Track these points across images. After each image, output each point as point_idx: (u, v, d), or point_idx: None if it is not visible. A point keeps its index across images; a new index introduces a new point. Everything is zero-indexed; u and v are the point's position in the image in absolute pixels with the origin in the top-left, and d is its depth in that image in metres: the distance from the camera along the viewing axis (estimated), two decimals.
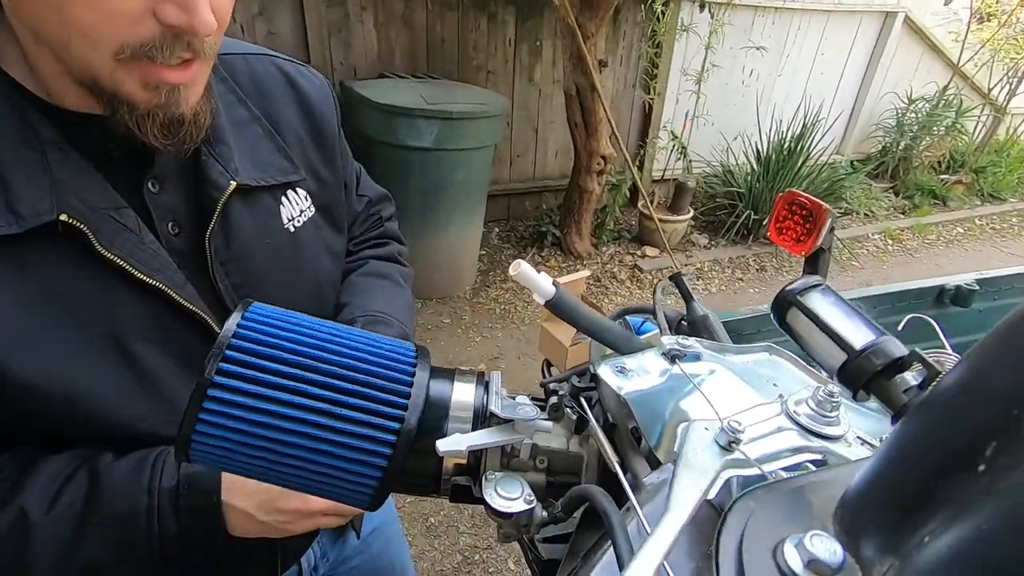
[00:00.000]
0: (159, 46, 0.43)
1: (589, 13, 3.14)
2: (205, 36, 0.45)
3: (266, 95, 0.64)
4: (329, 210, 0.71)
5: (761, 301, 3.74)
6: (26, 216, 0.44)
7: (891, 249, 4.73)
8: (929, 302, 1.51)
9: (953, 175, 5.74)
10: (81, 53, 0.42)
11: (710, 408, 0.32)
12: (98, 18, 0.40)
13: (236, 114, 0.60)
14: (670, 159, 4.70)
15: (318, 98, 0.69)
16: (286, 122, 0.65)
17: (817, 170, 4.54)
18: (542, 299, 0.39)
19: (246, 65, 0.64)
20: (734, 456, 0.29)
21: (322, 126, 0.69)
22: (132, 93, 0.45)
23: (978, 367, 0.14)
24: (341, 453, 0.36)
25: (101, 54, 0.42)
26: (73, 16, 0.40)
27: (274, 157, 0.62)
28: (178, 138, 0.49)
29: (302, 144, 0.67)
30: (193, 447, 0.34)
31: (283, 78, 0.67)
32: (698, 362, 0.38)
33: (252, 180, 0.59)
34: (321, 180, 0.69)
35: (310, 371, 0.36)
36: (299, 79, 0.68)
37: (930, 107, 5.48)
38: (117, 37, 0.42)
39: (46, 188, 0.45)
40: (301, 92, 0.67)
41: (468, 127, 2.92)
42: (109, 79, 0.44)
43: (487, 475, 0.38)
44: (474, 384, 0.41)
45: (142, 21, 0.42)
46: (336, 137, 0.71)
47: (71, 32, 0.41)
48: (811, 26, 4.94)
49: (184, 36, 0.44)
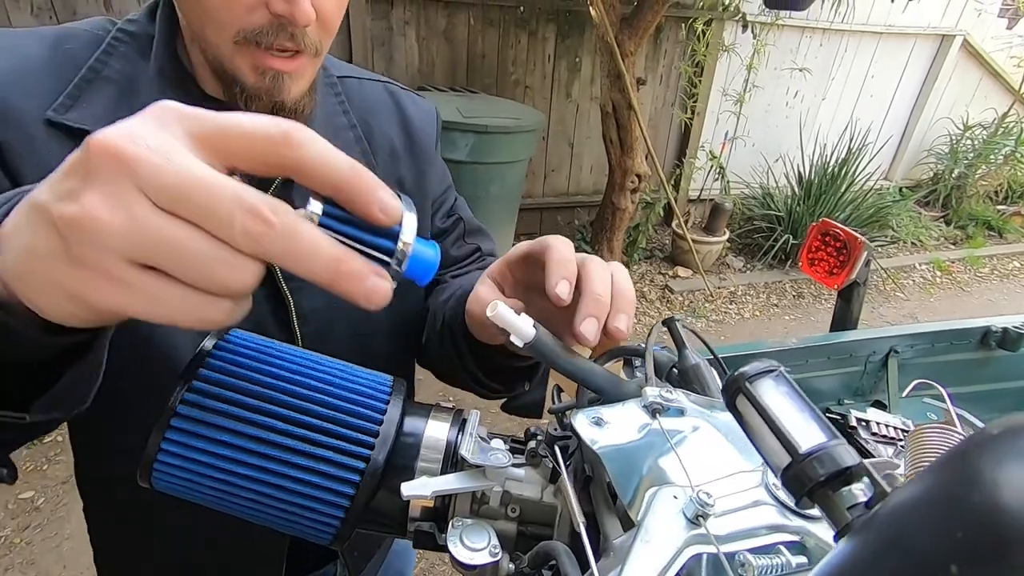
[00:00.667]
0: (266, 32, 0.52)
1: (629, 31, 3.13)
2: (303, 26, 0.52)
3: (370, 110, 0.72)
4: None
5: (796, 330, 3.62)
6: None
7: (939, 281, 4.51)
8: (973, 344, 1.42)
9: (1011, 206, 5.46)
10: (211, 38, 0.53)
11: (684, 473, 0.30)
12: (223, 4, 0.50)
13: (336, 120, 0.69)
14: (707, 179, 4.62)
15: (420, 118, 0.77)
16: (382, 135, 0.72)
17: (862, 195, 4.38)
18: (520, 342, 0.37)
19: (359, 86, 0.73)
20: (701, 531, 0.27)
21: (418, 144, 0.76)
22: (245, 75, 0.54)
23: (927, 496, 0.12)
24: (303, 490, 0.35)
25: (224, 38, 0.52)
26: (208, 5, 0.51)
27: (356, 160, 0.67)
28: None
29: (393, 155, 0.73)
30: (155, 475, 0.34)
31: (390, 99, 0.75)
32: (681, 418, 0.36)
33: None
34: (405, 191, 0.73)
35: (277, 404, 0.35)
36: (405, 101, 0.77)
37: (988, 134, 5.24)
38: (236, 22, 0.51)
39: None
40: (404, 112, 0.75)
41: (503, 141, 2.93)
42: (229, 61, 0.54)
43: (454, 522, 0.37)
44: (449, 423, 0.40)
45: (256, 10, 0.51)
46: (431, 156, 0.78)
47: (204, 19, 0.52)
48: (861, 48, 4.80)
49: (287, 26, 0.52)
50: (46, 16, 2.80)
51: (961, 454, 0.13)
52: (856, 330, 1.42)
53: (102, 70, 0.56)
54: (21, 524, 2.00)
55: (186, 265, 0.25)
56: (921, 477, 0.13)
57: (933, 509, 0.12)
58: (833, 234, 1.41)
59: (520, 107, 3.34)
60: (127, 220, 0.24)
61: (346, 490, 0.35)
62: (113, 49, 0.57)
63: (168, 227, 0.25)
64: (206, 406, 0.34)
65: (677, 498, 0.29)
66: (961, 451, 0.13)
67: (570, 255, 0.43)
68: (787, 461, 0.20)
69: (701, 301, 3.81)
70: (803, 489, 0.20)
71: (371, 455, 0.36)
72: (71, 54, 0.56)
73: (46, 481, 2.14)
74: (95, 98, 0.55)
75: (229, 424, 0.34)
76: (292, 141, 0.27)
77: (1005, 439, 0.12)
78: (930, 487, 0.13)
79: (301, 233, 0.26)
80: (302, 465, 0.35)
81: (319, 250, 0.27)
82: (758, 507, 0.29)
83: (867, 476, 0.19)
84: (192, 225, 0.25)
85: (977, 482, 0.11)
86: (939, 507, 0.12)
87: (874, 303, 4.05)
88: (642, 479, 0.33)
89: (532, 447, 0.40)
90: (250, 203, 0.25)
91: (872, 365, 1.33)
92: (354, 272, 0.28)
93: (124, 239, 0.24)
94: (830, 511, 0.19)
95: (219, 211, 0.25)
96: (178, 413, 0.33)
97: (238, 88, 0.55)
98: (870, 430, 1.12)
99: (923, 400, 1.28)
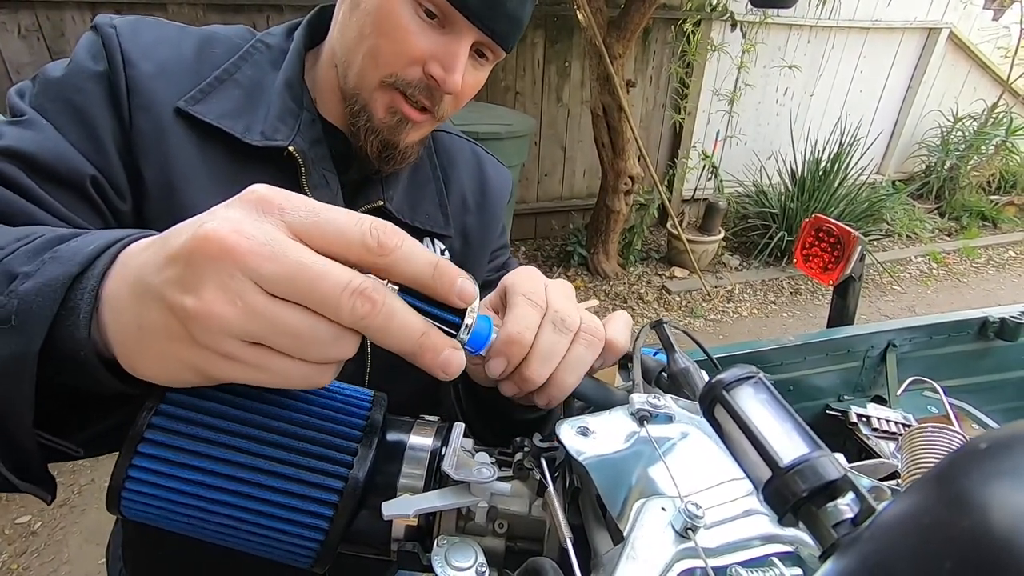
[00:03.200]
0: (413, 86, 0.58)
1: (617, 34, 3.13)
2: (448, 93, 0.58)
3: (452, 163, 0.77)
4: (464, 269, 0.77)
5: (794, 326, 3.60)
6: (268, 137, 0.59)
7: (936, 273, 4.51)
8: (971, 335, 1.41)
9: (1004, 196, 5.47)
10: (362, 72, 0.58)
11: (672, 483, 0.29)
12: (390, 50, 0.56)
13: (422, 170, 0.73)
14: (701, 179, 4.62)
15: (497, 180, 0.81)
16: (459, 184, 0.76)
17: (856, 190, 4.39)
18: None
19: (449, 140, 0.79)
20: (690, 544, 0.26)
21: (490, 200, 0.79)
22: (377, 110, 0.60)
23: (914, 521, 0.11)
24: (279, 513, 0.34)
25: (375, 75, 0.58)
26: (376, 46, 0.56)
27: (432, 208, 0.73)
28: (386, 157, 0.63)
29: (464, 207, 0.76)
30: (124, 503, 0.33)
31: (473, 156, 0.80)
32: (670, 424, 0.35)
33: (399, 213, 0.69)
34: (468, 243, 0.78)
35: (250, 424, 0.34)
36: (486, 164, 0.81)
37: (978, 125, 5.25)
38: (392, 68, 0.57)
39: (291, 127, 0.60)
40: (484, 172, 0.80)
41: (494, 147, 2.90)
42: (368, 95, 0.59)
43: (439, 540, 0.35)
44: (432, 437, 0.39)
45: (414, 65, 0.57)
46: (499, 215, 0.81)
47: (365, 55, 0.57)
48: (848, 44, 4.82)
49: (435, 90, 0.58)
50: (34, 38, 2.80)
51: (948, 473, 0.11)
52: (853, 325, 1.41)
53: (235, 72, 0.61)
54: (18, 549, 1.97)
55: (298, 345, 0.28)
56: (908, 496, 0.12)
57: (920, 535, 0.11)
58: (826, 230, 1.40)
59: (511, 113, 3.34)
60: (243, 311, 0.27)
61: (324, 511, 0.34)
62: (249, 56, 0.62)
63: (281, 314, 0.27)
64: (175, 429, 0.32)
65: (666, 510, 0.28)
66: (947, 469, 0.12)
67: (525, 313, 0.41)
68: (768, 475, 0.19)
69: (699, 301, 3.80)
70: (786, 505, 0.18)
71: (350, 473, 0.35)
72: (212, 56, 0.61)
73: (43, 505, 2.11)
74: (222, 96, 0.59)
75: (199, 448, 0.32)
76: (384, 250, 0.29)
77: (994, 455, 0.11)
78: (917, 510, 0.12)
79: (396, 311, 0.29)
80: (277, 487, 0.33)
81: (410, 326, 0.30)
82: (750, 517, 0.27)
83: (853, 490, 0.17)
84: (302, 308, 0.28)
85: (964, 506, 0.10)
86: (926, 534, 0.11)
87: (871, 297, 4.04)
88: (630, 490, 0.32)
89: (519, 459, 0.39)
90: (356, 286, 0.28)
91: (870, 360, 1.32)
92: (435, 346, 0.30)
93: (242, 327, 0.27)
94: (815, 529, 0.18)
95: (328, 296, 0.27)
96: (145, 438, 0.32)
97: (364, 117, 0.60)
98: (871, 426, 1.11)
99: (923, 394, 1.27)
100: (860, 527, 0.16)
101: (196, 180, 0.58)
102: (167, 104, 0.57)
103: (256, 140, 0.59)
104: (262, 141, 0.59)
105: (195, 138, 0.58)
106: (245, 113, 0.60)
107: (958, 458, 0.11)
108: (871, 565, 0.12)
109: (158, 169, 0.56)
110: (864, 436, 1.09)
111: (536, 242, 4.30)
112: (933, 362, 1.38)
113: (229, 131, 0.58)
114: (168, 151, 0.57)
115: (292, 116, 0.61)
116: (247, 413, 0.34)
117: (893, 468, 0.57)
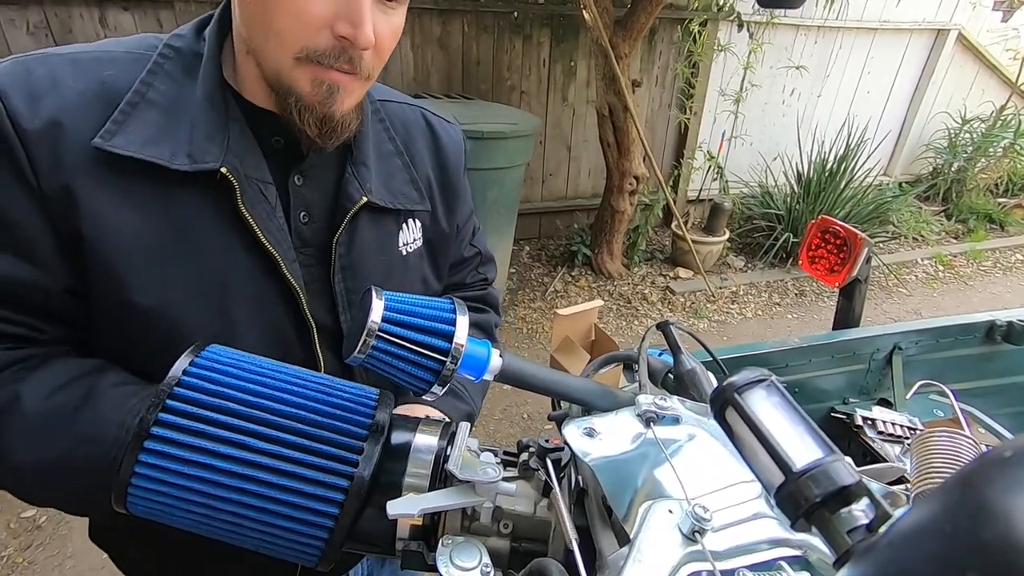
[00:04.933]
0: (328, 54, 0.55)
1: (623, 34, 3.12)
2: (364, 49, 0.56)
3: (410, 136, 0.76)
4: (434, 246, 0.79)
5: (800, 328, 3.59)
6: (197, 160, 0.56)
7: (942, 275, 4.48)
8: (977, 339, 1.40)
9: (1012, 198, 5.43)
10: (274, 54, 0.56)
11: (679, 485, 0.29)
12: (291, 23, 0.53)
13: (384, 147, 0.71)
14: (706, 179, 4.60)
15: (451, 147, 0.80)
16: (420, 161, 0.76)
17: (862, 192, 4.36)
18: (490, 376, 0.36)
19: (400, 111, 0.77)
20: (698, 547, 0.26)
21: (448, 172, 0.79)
22: (302, 88, 0.57)
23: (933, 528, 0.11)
24: (284, 511, 0.34)
25: (286, 54, 0.55)
26: (275, 23, 0.54)
27: (406, 187, 0.72)
28: (327, 132, 0.60)
29: (429, 183, 0.76)
30: (130, 499, 0.33)
31: (426, 125, 0.78)
32: (676, 426, 0.34)
33: (382, 201, 0.68)
34: (436, 218, 0.78)
35: (255, 422, 0.34)
36: (439, 129, 0.80)
37: (986, 127, 5.21)
38: (300, 40, 0.54)
39: (219, 145, 0.57)
40: (438, 139, 0.79)
41: (499, 146, 2.92)
42: (287, 75, 0.56)
43: (443, 540, 0.35)
44: (437, 437, 0.39)
45: (322, 31, 0.54)
46: (461, 187, 0.81)
47: (268, 35, 0.55)
48: (856, 45, 4.79)
49: (348, 50, 0.55)
50: (42, 35, 2.81)
51: (970, 481, 0.11)
52: (859, 328, 1.41)
53: (147, 92, 0.57)
54: (23, 543, 1.98)
55: None
56: (928, 503, 0.12)
57: (941, 544, 0.11)
58: (833, 231, 1.39)
59: (516, 112, 3.33)
60: None
61: (330, 509, 0.34)
62: (159, 68, 0.58)
63: None
64: (180, 426, 0.32)
65: (672, 512, 0.28)
66: (969, 477, 0.11)
67: None
68: (781, 479, 0.19)
69: (703, 302, 3.79)
70: (799, 510, 0.18)
71: (355, 472, 0.35)
72: (114, 79, 0.56)
73: None
74: (139, 123, 0.55)
75: (205, 444, 0.33)
76: None
77: (1017, 464, 0.11)
78: (936, 518, 0.11)
79: None
80: (282, 485, 0.33)
81: None
82: (758, 520, 0.27)
83: (867, 496, 0.17)
84: None
85: (987, 515, 0.10)
86: (948, 542, 0.10)
87: (877, 299, 4.02)
88: (637, 492, 0.32)
89: (524, 460, 0.39)
90: None
91: (876, 363, 1.31)
92: None
93: None
94: (828, 535, 0.18)
95: None
96: (152, 434, 0.32)
97: (293, 99, 0.58)
98: (876, 429, 1.10)
99: (929, 397, 1.27)
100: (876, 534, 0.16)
101: (125, 225, 0.54)
102: (79, 149, 0.52)
103: (184, 165, 0.55)
104: (191, 166, 0.55)
105: (116, 176, 0.54)
106: (167, 136, 0.56)
107: (981, 466, 0.11)
108: (890, 573, 0.12)
109: (90, 222, 0.53)
110: (869, 439, 1.08)
111: (540, 242, 4.29)
112: (939, 365, 1.37)
113: (154, 160, 0.54)
114: (99, 195, 0.53)
115: (219, 132, 0.58)
116: (253, 411, 0.34)
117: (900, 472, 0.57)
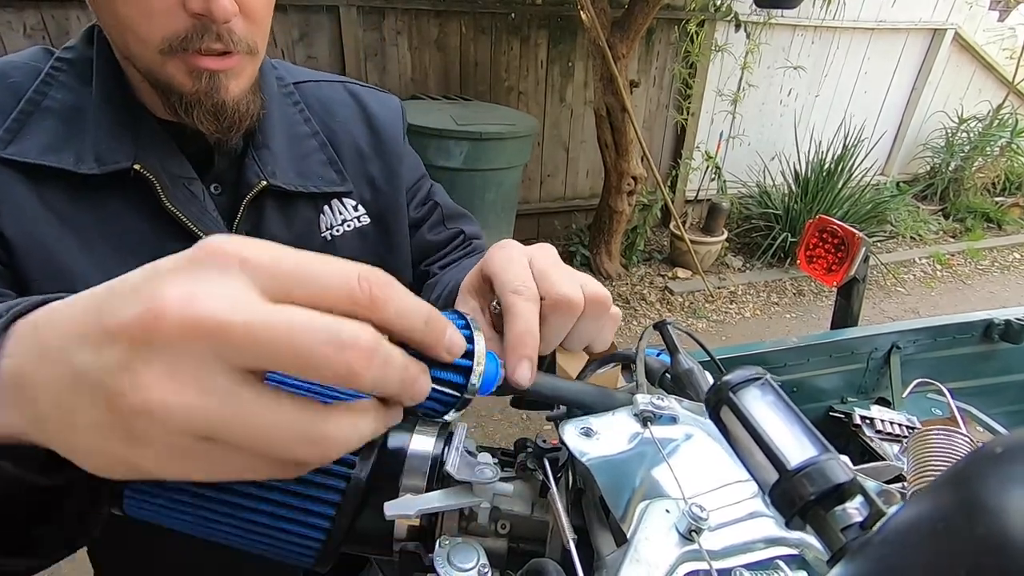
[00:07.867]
0: (191, 37, 0.50)
1: (620, 34, 3.12)
2: (224, 21, 0.50)
3: (330, 113, 0.71)
4: (384, 218, 0.75)
5: (798, 328, 3.59)
6: (106, 161, 0.53)
7: (940, 275, 4.49)
8: (975, 338, 1.41)
9: (1009, 197, 5.45)
10: (138, 51, 0.51)
11: (676, 484, 0.29)
12: (137, 13, 0.48)
13: (296, 129, 0.67)
14: (704, 179, 4.61)
15: (384, 114, 0.75)
16: (347, 135, 0.71)
17: (860, 191, 4.37)
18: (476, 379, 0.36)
19: (318, 89, 0.72)
20: (694, 547, 0.26)
21: (385, 139, 0.74)
22: (179, 82, 0.52)
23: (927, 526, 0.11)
24: (281, 512, 0.33)
25: (150, 49, 0.50)
26: (120, 15, 0.48)
27: (323, 168, 0.68)
28: (223, 124, 0.56)
29: (361, 156, 0.72)
30: (126, 501, 0.33)
31: (351, 99, 0.73)
32: (674, 425, 0.34)
33: (290, 185, 0.64)
34: (377, 189, 0.73)
35: None
36: (367, 99, 0.75)
37: (983, 127, 5.23)
38: (157, 30, 0.49)
39: (128, 142, 0.54)
40: (367, 109, 0.74)
41: (497, 147, 2.93)
42: (160, 72, 0.52)
43: (441, 541, 0.35)
44: (435, 437, 0.39)
45: (174, 13, 0.49)
46: (400, 149, 0.76)
47: (126, 34, 0.50)
48: (853, 45, 4.80)
49: (210, 26, 0.50)
50: (39, 37, 2.81)
51: (963, 477, 0.11)
52: (857, 327, 1.41)
53: (42, 101, 0.54)
54: None
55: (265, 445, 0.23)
56: (921, 500, 0.12)
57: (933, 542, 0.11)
58: (830, 231, 1.39)
59: (514, 113, 3.33)
60: (202, 403, 0.21)
61: (326, 510, 0.34)
62: (52, 79, 0.55)
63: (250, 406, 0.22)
64: None
65: (669, 512, 0.28)
66: (962, 473, 0.11)
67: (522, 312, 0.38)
68: (775, 477, 0.19)
69: (701, 302, 3.79)
70: (793, 508, 0.18)
71: (352, 473, 0.35)
72: (14, 87, 0.54)
73: None
74: (36, 130, 0.53)
75: None
76: (376, 305, 0.25)
77: (1011, 460, 0.11)
78: (931, 515, 0.11)
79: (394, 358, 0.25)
80: (279, 486, 0.33)
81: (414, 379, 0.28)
82: (755, 519, 0.27)
83: (862, 494, 0.17)
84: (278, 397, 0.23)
85: (980, 511, 0.10)
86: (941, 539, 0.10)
87: (875, 299, 4.03)
88: (634, 492, 0.32)
89: (521, 460, 0.39)
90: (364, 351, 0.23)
91: (874, 362, 1.31)
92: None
93: (198, 422, 0.22)
94: (823, 532, 0.18)
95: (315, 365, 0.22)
96: None
97: (175, 97, 0.53)
98: (874, 428, 1.11)
99: (927, 396, 1.27)
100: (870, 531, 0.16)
101: (47, 230, 0.53)
102: None
103: (92, 168, 0.53)
104: (99, 168, 0.53)
105: (26, 181, 0.52)
106: (69, 142, 0.54)
107: (973, 462, 0.11)
108: (883, 570, 0.12)
109: (11, 221, 0.51)
110: (868, 438, 1.08)
111: (539, 242, 4.30)
112: (937, 364, 1.37)
113: (56, 166, 0.52)
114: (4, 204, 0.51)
115: (126, 128, 0.55)
116: None
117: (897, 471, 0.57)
